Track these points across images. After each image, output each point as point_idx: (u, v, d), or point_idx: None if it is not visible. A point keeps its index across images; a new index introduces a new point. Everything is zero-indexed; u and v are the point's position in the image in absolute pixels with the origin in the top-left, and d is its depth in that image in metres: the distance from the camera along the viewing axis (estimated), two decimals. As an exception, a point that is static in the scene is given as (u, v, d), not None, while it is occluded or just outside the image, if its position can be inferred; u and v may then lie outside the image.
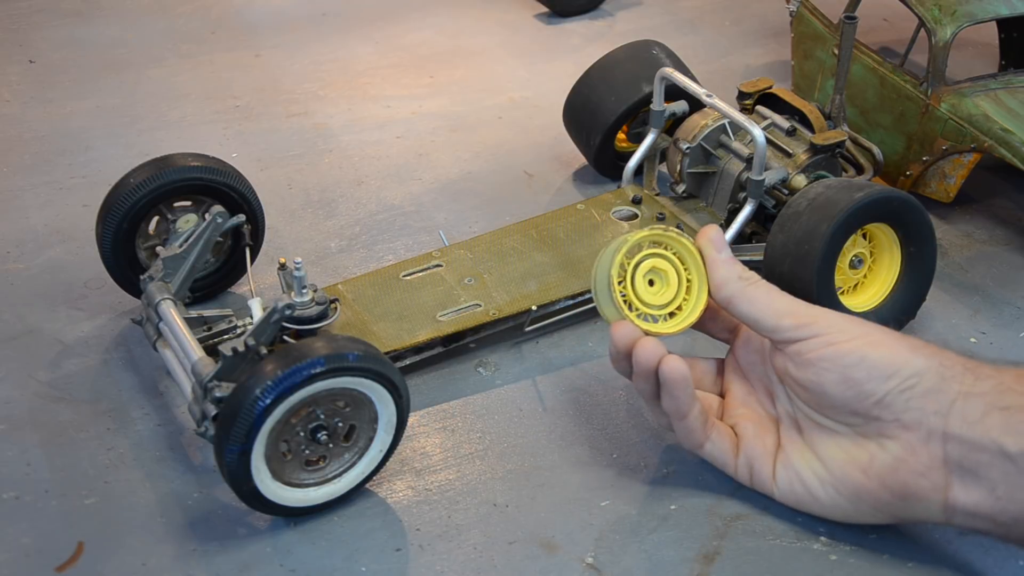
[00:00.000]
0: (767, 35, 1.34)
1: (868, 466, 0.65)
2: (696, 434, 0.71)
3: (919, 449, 0.63)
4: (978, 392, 0.63)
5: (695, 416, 0.70)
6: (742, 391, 0.74)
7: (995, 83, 0.97)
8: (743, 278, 0.70)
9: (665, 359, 0.68)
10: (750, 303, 0.69)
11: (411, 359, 0.81)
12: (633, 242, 0.72)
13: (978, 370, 0.64)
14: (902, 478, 0.64)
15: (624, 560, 0.69)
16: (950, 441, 0.63)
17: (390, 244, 0.97)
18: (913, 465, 0.64)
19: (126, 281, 0.85)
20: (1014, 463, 0.60)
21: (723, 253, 0.71)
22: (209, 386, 0.70)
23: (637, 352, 0.69)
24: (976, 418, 0.62)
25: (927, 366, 0.64)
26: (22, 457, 0.75)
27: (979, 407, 0.62)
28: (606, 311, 0.73)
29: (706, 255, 0.72)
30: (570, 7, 1.38)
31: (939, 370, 0.64)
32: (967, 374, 0.64)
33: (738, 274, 0.70)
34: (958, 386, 0.63)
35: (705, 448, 0.71)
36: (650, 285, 0.73)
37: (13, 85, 1.22)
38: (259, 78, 1.24)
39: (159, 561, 0.68)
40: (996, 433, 0.61)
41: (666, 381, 0.68)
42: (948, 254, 0.96)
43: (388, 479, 0.74)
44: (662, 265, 0.73)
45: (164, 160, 0.83)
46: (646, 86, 0.98)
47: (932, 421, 0.63)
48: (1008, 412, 0.61)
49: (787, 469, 0.70)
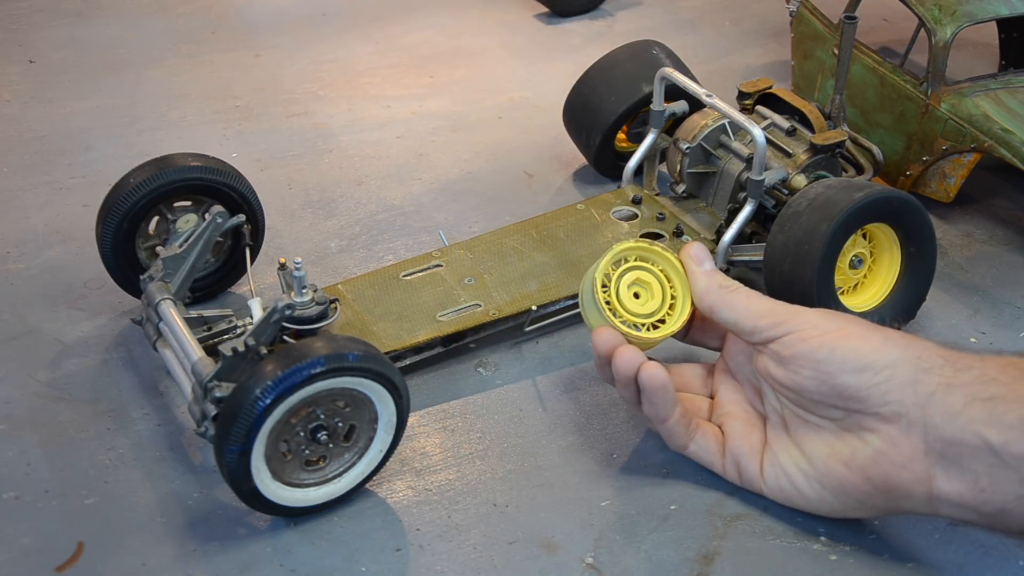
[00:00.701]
0: (767, 35, 1.34)
1: (850, 459, 0.66)
2: (678, 436, 0.72)
3: (900, 441, 0.64)
4: (959, 383, 0.63)
5: (676, 420, 0.72)
6: (730, 391, 0.75)
7: (995, 83, 0.97)
8: (723, 286, 0.73)
9: (644, 366, 0.70)
10: (730, 309, 0.71)
11: (411, 359, 0.81)
12: (619, 251, 0.74)
13: (958, 361, 0.64)
14: (884, 470, 0.64)
15: (624, 560, 0.69)
16: (931, 432, 0.63)
17: (390, 244, 0.97)
18: (894, 457, 0.64)
19: (126, 281, 0.85)
20: (997, 454, 0.60)
21: (704, 265, 0.74)
22: (209, 386, 0.70)
23: (616, 360, 0.71)
24: (957, 409, 0.62)
25: (901, 356, 0.64)
26: (22, 457, 0.76)
27: (960, 398, 0.62)
28: (590, 316, 0.74)
29: (688, 268, 0.75)
30: (570, 7, 1.38)
31: (915, 361, 0.64)
32: (946, 365, 0.64)
33: (719, 283, 0.73)
34: (937, 377, 0.63)
35: (689, 449, 0.73)
36: (635, 298, 0.75)
37: (13, 85, 1.22)
38: (259, 78, 1.24)
39: (159, 561, 0.68)
40: (978, 424, 0.61)
41: (645, 388, 0.70)
42: (948, 254, 0.96)
43: (388, 479, 0.74)
44: (647, 278, 0.75)
45: (164, 160, 0.83)
46: (646, 86, 0.98)
47: (912, 413, 0.63)
48: (991, 403, 0.61)
49: (774, 466, 0.70)
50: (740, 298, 0.71)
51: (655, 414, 0.71)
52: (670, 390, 0.71)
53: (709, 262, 0.74)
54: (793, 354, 0.67)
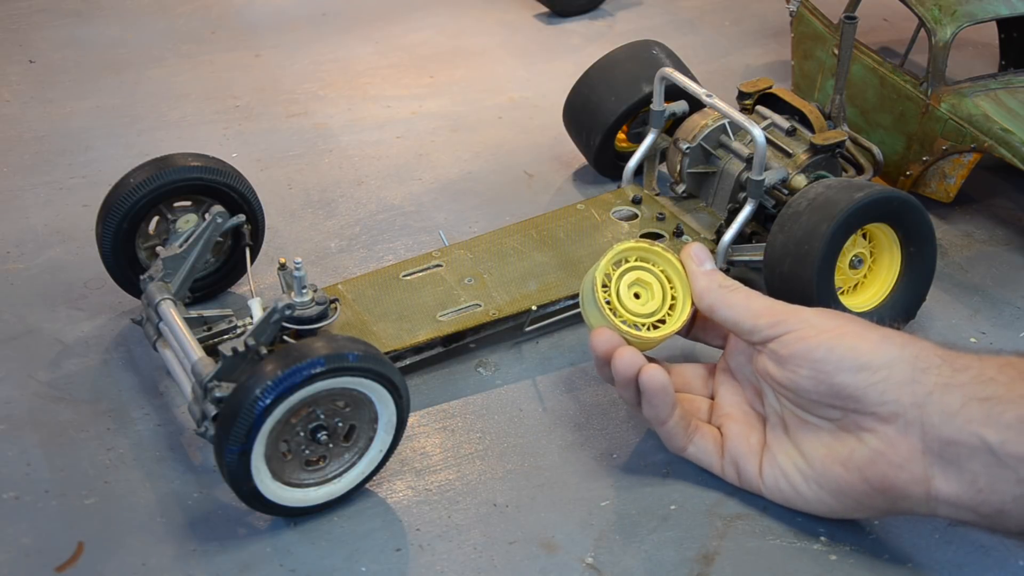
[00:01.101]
0: (767, 35, 1.34)
1: (848, 460, 0.66)
2: (677, 438, 0.73)
3: (897, 441, 0.63)
4: (957, 383, 0.62)
5: (675, 422, 0.72)
6: (731, 392, 0.75)
7: (995, 83, 0.97)
8: (723, 286, 0.73)
9: (644, 369, 0.70)
10: (730, 308, 0.72)
11: (411, 359, 0.81)
12: (619, 251, 0.74)
13: (956, 360, 0.64)
14: (881, 471, 0.64)
15: (624, 560, 0.69)
16: (929, 432, 0.62)
17: (390, 244, 0.97)
18: (891, 457, 0.64)
19: (126, 281, 0.85)
20: (994, 454, 0.60)
21: (704, 265, 0.75)
22: (209, 386, 0.70)
23: (615, 362, 0.71)
24: (955, 409, 0.62)
25: (899, 356, 0.64)
26: (22, 457, 0.75)
27: (958, 398, 0.62)
28: (590, 316, 0.74)
29: (688, 267, 0.75)
30: (570, 7, 1.38)
31: (912, 361, 0.64)
32: (944, 365, 0.63)
33: (719, 283, 0.73)
34: (935, 377, 0.63)
35: (688, 451, 0.73)
36: (636, 298, 0.75)
37: (13, 85, 1.22)
38: (259, 78, 1.24)
39: (159, 561, 0.68)
40: (976, 424, 0.61)
41: (645, 390, 0.70)
42: (948, 254, 0.96)
43: (388, 479, 0.74)
44: (647, 278, 0.75)
45: (164, 160, 0.83)
46: (646, 86, 0.98)
47: (910, 413, 0.63)
48: (988, 403, 0.61)
49: (773, 467, 0.70)
50: (739, 297, 0.72)
51: (654, 416, 0.71)
52: (670, 392, 0.71)
53: (709, 262, 0.75)
54: (791, 353, 0.67)
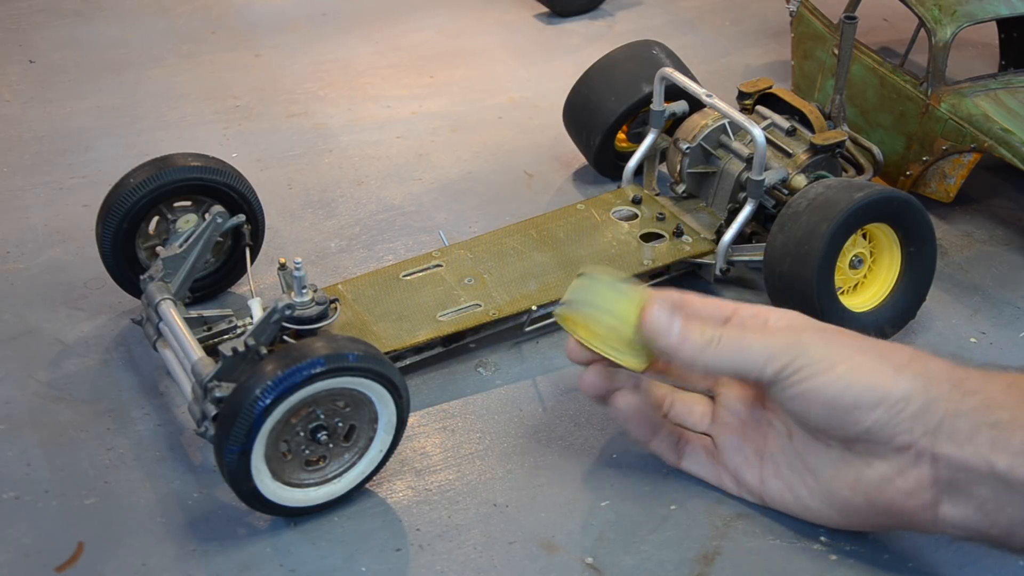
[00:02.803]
0: (767, 35, 1.34)
1: (855, 483, 0.65)
2: (667, 456, 0.73)
3: (907, 470, 0.63)
4: (966, 410, 0.62)
5: (659, 442, 0.72)
6: (732, 393, 0.73)
7: (995, 83, 0.97)
8: (705, 345, 0.66)
9: (614, 397, 0.70)
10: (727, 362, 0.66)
11: (411, 359, 0.81)
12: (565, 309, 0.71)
13: (965, 384, 0.63)
14: (889, 497, 0.64)
15: (624, 560, 0.69)
16: (939, 461, 0.62)
17: (390, 244, 0.97)
18: (900, 485, 0.63)
19: (126, 281, 0.85)
20: (1003, 479, 0.60)
21: (672, 334, 0.66)
22: (209, 386, 0.70)
23: (581, 385, 0.71)
24: (965, 437, 0.61)
25: (913, 389, 0.63)
26: (22, 457, 0.75)
27: (968, 425, 0.61)
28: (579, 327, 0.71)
29: (662, 345, 0.67)
30: (570, 7, 1.38)
31: (925, 391, 0.63)
32: (954, 391, 0.62)
33: (697, 345, 0.66)
34: (945, 404, 0.62)
35: (682, 465, 0.73)
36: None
37: (13, 85, 1.22)
38: (259, 78, 1.24)
39: (159, 561, 0.68)
40: (986, 451, 0.61)
41: (616, 419, 0.71)
42: (948, 254, 0.96)
43: (388, 479, 0.74)
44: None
45: (164, 160, 0.83)
46: (646, 86, 0.98)
47: (921, 443, 0.62)
48: (997, 429, 0.61)
49: (778, 477, 0.70)
50: (731, 347, 0.66)
51: (636, 439, 0.72)
52: (646, 415, 0.70)
53: (675, 322, 0.67)
54: (801, 392, 0.64)
